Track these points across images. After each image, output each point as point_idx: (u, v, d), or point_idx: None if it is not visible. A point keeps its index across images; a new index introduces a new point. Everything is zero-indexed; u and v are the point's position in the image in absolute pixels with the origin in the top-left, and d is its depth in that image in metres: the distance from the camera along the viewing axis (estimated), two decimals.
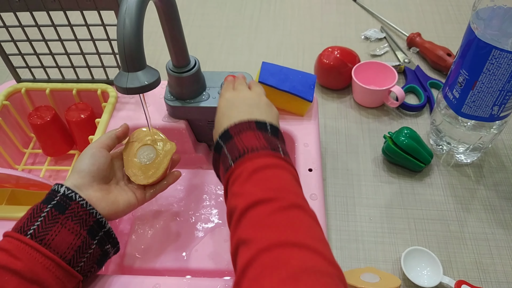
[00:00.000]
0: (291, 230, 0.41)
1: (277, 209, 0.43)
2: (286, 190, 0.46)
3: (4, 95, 0.79)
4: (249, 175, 0.47)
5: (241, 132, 0.52)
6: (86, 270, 0.52)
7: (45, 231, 0.49)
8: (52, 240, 0.49)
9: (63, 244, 0.49)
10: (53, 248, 0.49)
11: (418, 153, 0.78)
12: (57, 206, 0.51)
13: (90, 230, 0.52)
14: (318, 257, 0.39)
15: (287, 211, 0.43)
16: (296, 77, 0.74)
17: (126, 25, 0.49)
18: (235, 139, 0.52)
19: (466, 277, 0.68)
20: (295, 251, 0.39)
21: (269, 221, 0.42)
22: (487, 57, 0.65)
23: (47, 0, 0.69)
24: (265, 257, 0.39)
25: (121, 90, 0.51)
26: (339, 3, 1.20)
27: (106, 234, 0.54)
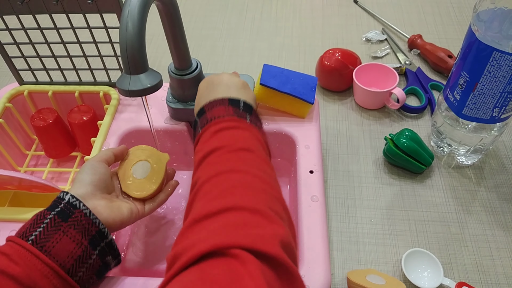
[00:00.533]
0: (233, 164, 0.45)
1: (225, 152, 0.47)
2: (239, 140, 0.49)
3: (6, 98, 0.80)
4: (211, 134, 0.50)
5: (213, 107, 0.55)
6: (84, 281, 0.52)
7: (47, 238, 0.49)
8: (52, 247, 0.49)
9: (63, 252, 0.49)
10: (53, 255, 0.49)
11: (419, 155, 0.78)
12: (60, 214, 0.51)
13: (91, 240, 0.51)
14: (255, 179, 0.43)
15: (234, 152, 0.47)
16: (297, 79, 0.75)
17: (128, 28, 0.49)
18: (207, 113, 0.55)
19: (466, 279, 0.68)
20: (232, 175, 0.43)
21: (215, 161, 0.46)
22: (488, 59, 0.65)
23: (50, 3, 0.70)
24: (205, 186, 0.43)
25: (124, 93, 0.51)
26: (340, 5, 1.21)
27: (108, 245, 0.53)
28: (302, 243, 0.59)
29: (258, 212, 0.39)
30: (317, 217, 0.62)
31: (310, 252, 0.58)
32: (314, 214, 0.62)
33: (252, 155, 0.47)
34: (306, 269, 0.57)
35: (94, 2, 0.68)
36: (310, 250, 0.58)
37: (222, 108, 0.54)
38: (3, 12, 0.72)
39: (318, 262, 0.58)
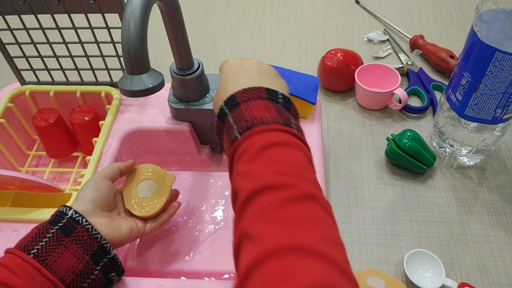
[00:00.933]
0: (303, 229, 0.36)
1: (288, 200, 0.37)
2: (298, 175, 0.40)
3: (8, 98, 0.80)
4: (257, 152, 0.41)
5: (249, 99, 0.47)
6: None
7: (48, 252, 0.49)
8: (54, 261, 0.49)
9: (64, 266, 0.49)
10: (54, 269, 0.49)
11: (421, 155, 0.78)
12: (63, 229, 0.51)
13: (93, 255, 0.51)
14: (332, 269, 0.34)
15: (299, 203, 0.37)
16: (299, 79, 0.74)
17: (130, 29, 0.49)
18: (242, 107, 0.46)
19: (468, 279, 0.68)
20: (307, 260, 0.33)
21: (277, 214, 0.36)
22: (490, 60, 0.65)
23: (52, 3, 0.70)
24: (272, 264, 0.33)
25: (126, 93, 0.51)
26: (342, 6, 1.21)
27: (111, 261, 0.53)
28: None
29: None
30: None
31: None
32: None
33: (318, 207, 0.38)
34: None
35: (96, 2, 0.68)
36: None
37: (261, 103, 0.46)
38: (5, 12, 0.72)
39: None
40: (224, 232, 0.71)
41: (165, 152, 0.80)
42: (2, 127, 0.78)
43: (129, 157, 0.77)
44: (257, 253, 0.34)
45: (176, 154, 0.80)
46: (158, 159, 0.81)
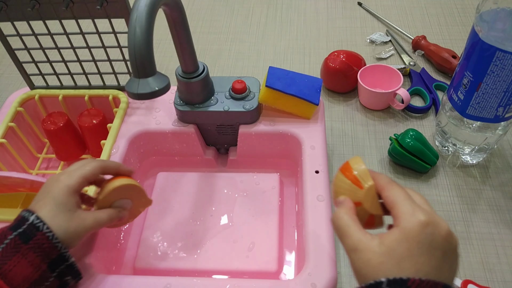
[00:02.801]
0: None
1: None
2: None
3: (18, 102, 0.82)
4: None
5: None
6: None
7: (4, 260, 0.48)
8: (9, 271, 0.47)
9: (19, 276, 0.48)
10: (9, 279, 0.47)
11: (423, 154, 0.79)
12: (22, 235, 0.49)
13: (51, 264, 0.50)
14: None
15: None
16: (302, 81, 0.76)
17: (136, 33, 0.51)
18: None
19: (472, 276, 0.69)
20: None
21: None
22: (491, 59, 0.66)
23: (60, 9, 0.71)
24: None
25: (133, 96, 0.53)
26: (345, 8, 1.22)
27: (68, 267, 0.52)
28: (308, 242, 0.60)
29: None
30: (323, 216, 0.63)
31: (316, 251, 0.59)
32: (320, 214, 0.63)
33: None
34: (312, 268, 0.58)
35: (103, 8, 0.70)
36: (316, 249, 0.59)
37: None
38: (14, 18, 0.73)
39: (325, 261, 0.58)
40: (230, 231, 0.72)
41: (172, 154, 0.81)
42: (12, 131, 0.80)
43: (137, 159, 0.79)
44: None
45: (182, 156, 0.82)
46: (165, 160, 0.83)
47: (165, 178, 0.80)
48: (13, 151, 0.79)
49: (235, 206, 0.75)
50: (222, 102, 0.74)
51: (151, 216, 0.75)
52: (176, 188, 0.78)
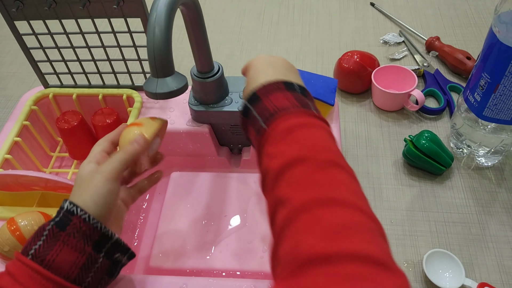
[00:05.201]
0: (330, 188, 0.39)
1: (315, 167, 0.41)
2: (322, 148, 0.43)
3: (32, 100, 0.82)
4: (282, 135, 0.45)
5: (269, 93, 0.50)
6: (95, 283, 0.50)
7: (46, 251, 0.47)
8: (53, 260, 0.46)
9: (65, 263, 0.47)
10: (55, 268, 0.46)
11: (438, 156, 0.78)
12: (58, 223, 0.48)
13: (95, 245, 0.49)
14: (357, 213, 0.37)
15: (325, 169, 0.41)
16: (318, 81, 0.75)
17: (156, 33, 0.51)
18: (264, 100, 0.49)
19: (488, 279, 0.68)
20: (334, 208, 0.37)
21: (307, 180, 0.40)
22: (510, 60, 0.65)
23: (76, 8, 0.71)
24: (304, 216, 0.37)
25: (151, 95, 0.53)
26: (358, 8, 1.21)
27: (114, 244, 0.51)
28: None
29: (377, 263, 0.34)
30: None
31: None
32: None
33: (342, 171, 0.41)
34: None
35: (119, 7, 0.70)
36: None
37: (280, 95, 0.49)
38: (30, 17, 0.74)
39: None
40: (244, 231, 0.72)
41: (185, 154, 0.81)
42: (26, 129, 0.80)
43: None
44: (290, 211, 0.38)
45: (196, 156, 0.81)
46: (179, 160, 0.83)
47: (178, 178, 0.80)
48: (28, 150, 0.79)
49: (248, 206, 0.75)
50: (236, 102, 0.74)
51: (165, 215, 0.75)
52: (189, 188, 0.78)
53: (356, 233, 0.36)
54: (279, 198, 0.41)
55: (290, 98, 0.49)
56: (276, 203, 0.41)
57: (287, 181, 0.41)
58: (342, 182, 0.40)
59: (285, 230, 0.38)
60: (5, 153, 0.74)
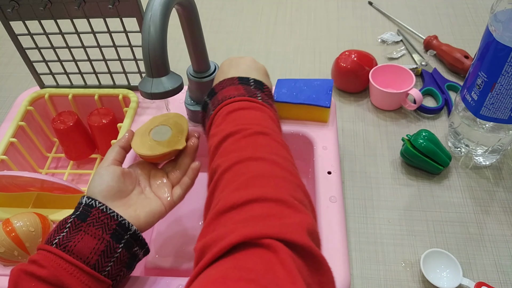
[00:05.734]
0: (252, 150, 0.45)
1: (242, 137, 0.47)
2: (254, 123, 0.49)
3: (28, 101, 0.81)
4: (224, 117, 0.51)
5: (223, 87, 0.56)
6: (114, 274, 0.52)
7: (69, 239, 0.50)
8: (74, 246, 0.50)
9: (85, 249, 0.50)
10: (76, 253, 0.50)
11: (436, 155, 0.78)
12: (79, 216, 0.52)
13: (114, 234, 0.52)
14: (273, 166, 0.43)
15: (251, 137, 0.47)
16: (311, 86, 0.75)
17: (151, 33, 0.50)
18: (218, 93, 0.56)
19: (485, 279, 0.68)
20: (252, 163, 0.43)
21: (233, 147, 0.47)
22: (506, 59, 0.65)
23: (71, 8, 0.71)
24: (226, 175, 0.43)
25: (146, 95, 0.52)
26: (355, 7, 1.21)
27: (133, 236, 0.53)
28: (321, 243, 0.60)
29: (282, 203, 0.39)
30: (336, 217, 0.63)
31: (329, 252, 0.59)
32: (333, 215, 0.63)
33: (268, 138, 0.47)
34: None
35: (114, 7, 0.70)
36: (329, 251, 0.59)
37: (233, 88, 0.55)
38: (26, 17, 0.73)
39: (337, 262, 0.58)
40: None
41: None
42: (22, 130, 0.80)
43: None
44: (217, 175, 0.45)
45: None
46: None
47: None
48: (23, 150, 0.79)
49: None
50: None
51: None
52: None
53: (267, 181, 0.41)
54: (213, 168, 0.47)
55: (239, 89, 0.55)
56: (211, 173, 0.47)
57: (219, 153, 0.47)
58: (266, 145, 0.46)
59: (213, 193, 0.44)
60: (1, 153, 0.74)
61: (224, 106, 0.53)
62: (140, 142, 0.60)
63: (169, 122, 0.63)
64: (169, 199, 0.59)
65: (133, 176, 0.60)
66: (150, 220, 0.57)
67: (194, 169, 0.62)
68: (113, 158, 0.59)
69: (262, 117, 0.51)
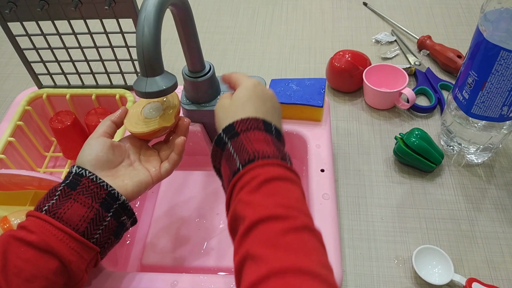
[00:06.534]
0: (303, 255, 0.40)
1: (289, 229, 0.42)
2: (297, 208, 0.45)
3: (26, 101, 0.82)
4: (260, 184, 0.45)
5: (248, 130, 0.50)
6: (102, 242, 0.54)
7: (59, 206, 0.51)
8: (64, 213, 0.51)
9: (75, 216, 0.51)
10: (66, 220, 0.51)
11: (429, 153, 0.79)
12: (69, 184, 0.53)
13: (103, 203, 0.53)
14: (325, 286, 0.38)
15: (299, 233, 0.42)
16: (304, 86, 0.76)
17: (145, 33, 0.51)
18: (242, 137, 0.50)
19: (477, 275, 0.69)
20: (305, 279, 0.38)
21: (280, 241, 0.41)
22: (496, 58, 0.66)
23: (68, 9, 0.72)
24: (275, 281, 0.38)
25: (140, 94, 0.53)
26: (350, 8, 1.22)
27: (121, 206, 0.55)
28: None
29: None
30: (328, 214, 0.64)
31: None
32: (325, 212, 0.64)
33: (314, 238, 0.43)
34: None
35: (111, 8, 0.71)
36: None
37: (260, 135, 0.50)
38: (23, 18, 0.74)
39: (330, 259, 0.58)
40: None
41: None
42: (20, 130, 0.81)
43: None
44: (262, 272, 0.38)
45: (188, 154, 0.82)
46: None
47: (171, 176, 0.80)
48: (21, 150, 0.80)
49: None
50: None
51: (157, 213, 0.75)
52: (182, 186, 0.79)
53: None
54: (250, 252, 0.41)
55: (269, 143, 0.50)
56: (246, 256, 0.41)
57: (260, 237, 0.42)
58: (313, 250, 0.41)
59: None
60: None
61: (258, 166, 0.47)
62: (132, 119, 0.62)
63: (161, 99, 0.64)
64: (156, 172, 0.61)
65: (122, 149, 0.61)
66: (137, 189, 0.58)
67: (179, 144, 0.62)
68: (104, 130, 0.60)
69: (301, 196, 0.47)
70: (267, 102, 0.55)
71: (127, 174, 0.59)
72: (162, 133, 0.63)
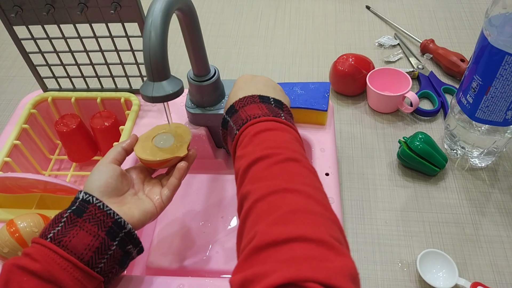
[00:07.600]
0: (285, 179, 0.44)
1: (273, 163, 0.46)
2: (283, 147, 0.48)
3: (31, 104, 0.83)
4: (251, 138, 0.50)
5: (245, 105, 0.56)
6: (107, 271, 0.53)
7: (64, 234, 0.51)
8: (69, 242, 0.50)
9: (80, 245, 0.50)
10: (71, 249, 0.50)
11: (432, 157, 0.79)
12: (75, 211, 0.52)
13: (109, 232, 0.52)
14: (309, 200, 0.42)
15: (282, 164, 0.46)
16: (308, 90, 0.76)
17: (151, 38, 0.52)
18: (240, 111, 0.55)
19: (481, 279, 0.69)
20: (287, 196, 0.42)
21: (265, 174, 0.46)
22: (500, 63, 0.66)
23: (74, 13, 0.73)
24: (260, 205, 0.43)
25: (147, 99, 0.53)
26: (353, 11, 1.23)
27: (127, 235, 0.54)
28: None
29: (323, 243, 0.38)
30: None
31: None
32: None
33: (299, 165, 0.47)
34: None
35: (116, 12, 0.71)
36: None
37: (255, 106, 0.55)
38: (29, 22, 0.75)
39: None
40: None
41: None
42: (26, 133, 0.81)
43: None
44: (249, 204, 0.44)
45: None
46: None
47: None
48: (27, 152, 0.80)
49: None
50: None
51: (162, 217, 0.76)
52: (187, 189, 0.79)
53: (306, 217, 0.40)
54: (242, 193, 0.46)
55: (262, 108, 0.54)
56: (241, 198, 0.46)
57: (250, 178, 0.47)
58: (298, 174, 0.46)
59: (244, 222, 0.43)
60: (5, 156, 0.75)
61: (249, 126, 0.52)
62: (142, 147, 0.62)
63: (172, 131, 0.65)
64: (159, 201, 0.61)
65: (129, 178, 0.61)
66: (143, 218, 0.58)
67: (180, 168, 0.62)
68: (114, 157, 0.60)
69: (290, 139, 0.50)
70: (261, 84, 0.60)
71: (132, 202, 0.58)
72: (172, 163, 0.63)
